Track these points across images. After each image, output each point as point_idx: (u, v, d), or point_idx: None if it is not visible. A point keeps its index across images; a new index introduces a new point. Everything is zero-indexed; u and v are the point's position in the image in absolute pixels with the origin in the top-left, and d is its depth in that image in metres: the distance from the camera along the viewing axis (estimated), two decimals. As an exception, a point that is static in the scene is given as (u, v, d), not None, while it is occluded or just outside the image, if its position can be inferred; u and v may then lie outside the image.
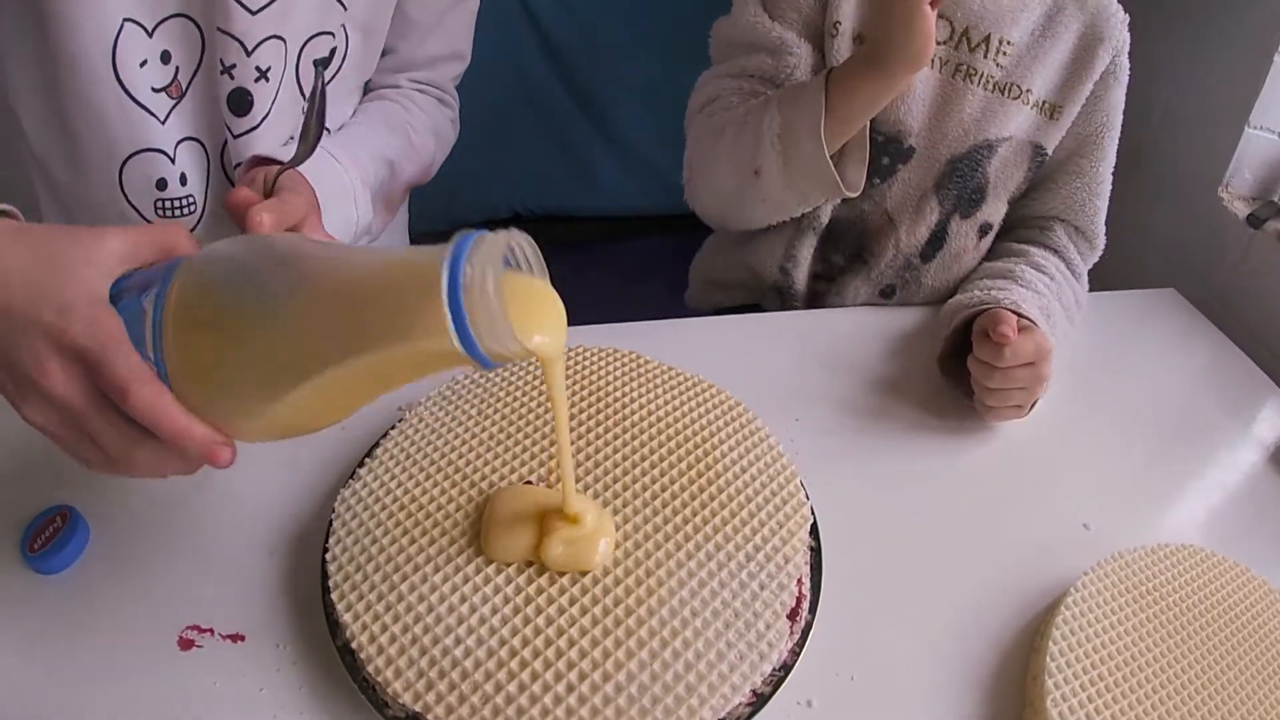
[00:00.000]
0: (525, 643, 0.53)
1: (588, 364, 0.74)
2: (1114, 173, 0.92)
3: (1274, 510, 0.74)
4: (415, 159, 0.91)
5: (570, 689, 0.50)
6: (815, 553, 0.62)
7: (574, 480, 0.60)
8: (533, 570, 0.57)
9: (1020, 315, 0.77)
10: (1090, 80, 0.87)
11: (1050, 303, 0.83)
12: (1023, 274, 0.85)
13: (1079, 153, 0.91)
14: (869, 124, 0.81)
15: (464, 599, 0.55)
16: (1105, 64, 0.87)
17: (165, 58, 0.74)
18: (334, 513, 0.61)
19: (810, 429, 0.77)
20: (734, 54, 0.89)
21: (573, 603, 0.55)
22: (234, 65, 0.74)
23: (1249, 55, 1.05)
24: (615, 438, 0.67)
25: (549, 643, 0.53)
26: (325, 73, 0.66)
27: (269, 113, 0.78)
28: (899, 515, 0.70)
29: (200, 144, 0.79)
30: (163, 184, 0.78)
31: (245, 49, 0.74)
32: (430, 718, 0.50)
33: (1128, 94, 0.89)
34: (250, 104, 0.76)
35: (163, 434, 0.45)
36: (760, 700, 0.53)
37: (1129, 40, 0.87)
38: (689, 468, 0.64)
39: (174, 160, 0.78)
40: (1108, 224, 0.93)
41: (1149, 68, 1.16)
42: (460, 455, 0.65)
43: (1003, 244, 0.94)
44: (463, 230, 0.41)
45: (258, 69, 0.75)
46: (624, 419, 0.68)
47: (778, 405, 0.77)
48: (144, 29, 0.71)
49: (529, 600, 0.55)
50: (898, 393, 0.82)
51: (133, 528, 0.64)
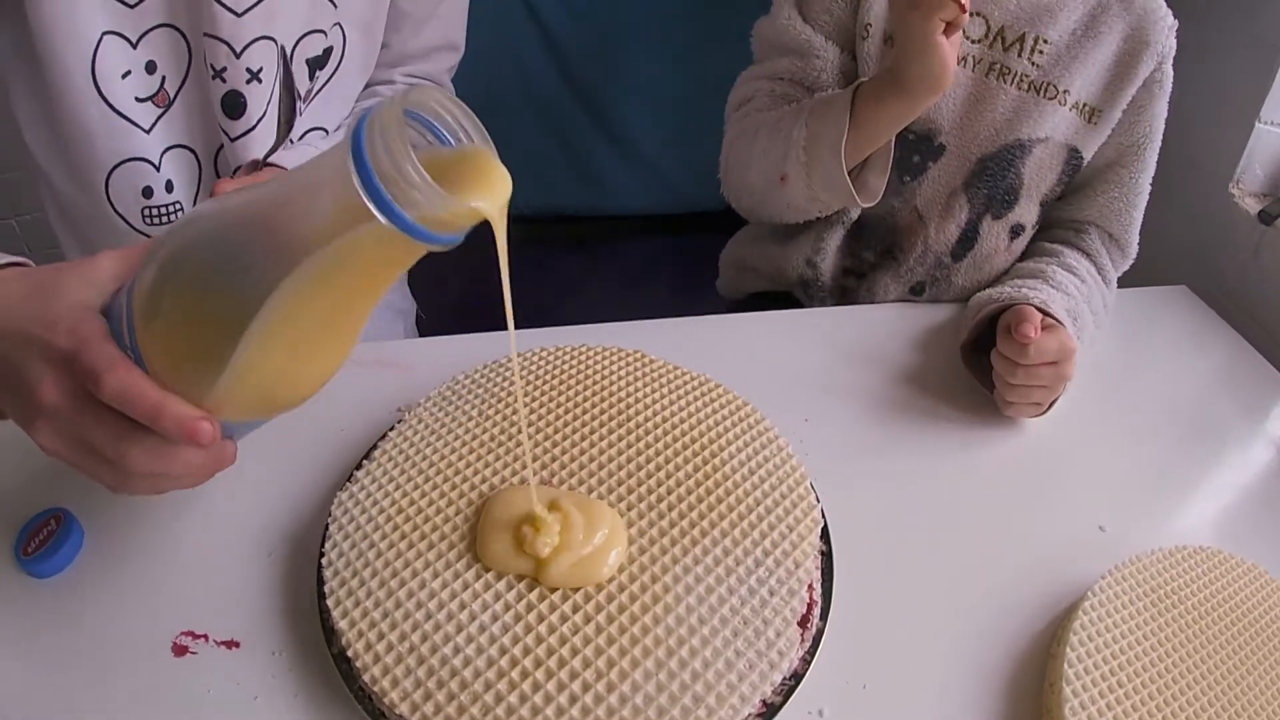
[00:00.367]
0: (526, 652, 0.51)
1: (591, 363, 0.72)
2: None
3: (1289, 510, 0.73)
4: None
5: (573, 700, 0.49)
6: (826, 557, 0.61)
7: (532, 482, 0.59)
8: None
9: (1047, 314, 0.76)
10: (1132, 85, 0.85)
11: (1078, 305, 0.82)
12: (1053, 274, 0.85)
13: (1120, 162, 0.89)
14: None
15: (463, 606, 0.53)
16: (1149, 70, 0.85)
17: (150, 68, 0.74)
18: (330, 516, 0.60)
19: (820, 429, 0.75)
20: (770, 54, 0.91)
21: (576, 610, 0.53)
22: (224, 69, 0.74)
23: (1259, 51, 1.04)
24: (620, 439, 0.65)
25: (551, 652, 0.51)
26: (290, 61, 0.65)
27: (264, 114, 0.77)
28: (910, 518, 0.68)
29: (190, 151, 0.79)
30: (148, 192, 0.78)
31: (234, 51, 0.73)
32: (428, 729, 0.48)
33: None
34: (244, 106, 0.76)
35: (139, 412, 0.44)
36: (770, 710, 0.51)
37: (1175, 47, 0.85)
38: (695, 470, 0.63)
39: (159, 168, 0.78)
40: None
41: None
42: (460, 457, 0.63)
43: (1036, 243, 0.94)
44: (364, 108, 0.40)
45: (249, 70, 0.74)
46: (629, 419, 0.67)
47: (786, 405, 0.75)
48: (127, 41, 0.72)
49: (530, 607, 0.53)
50: (908, 392, 0.81)
51: (127, 531, 0.63)
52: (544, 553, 0.54)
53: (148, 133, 0.76)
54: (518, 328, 0.50)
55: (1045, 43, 0.84)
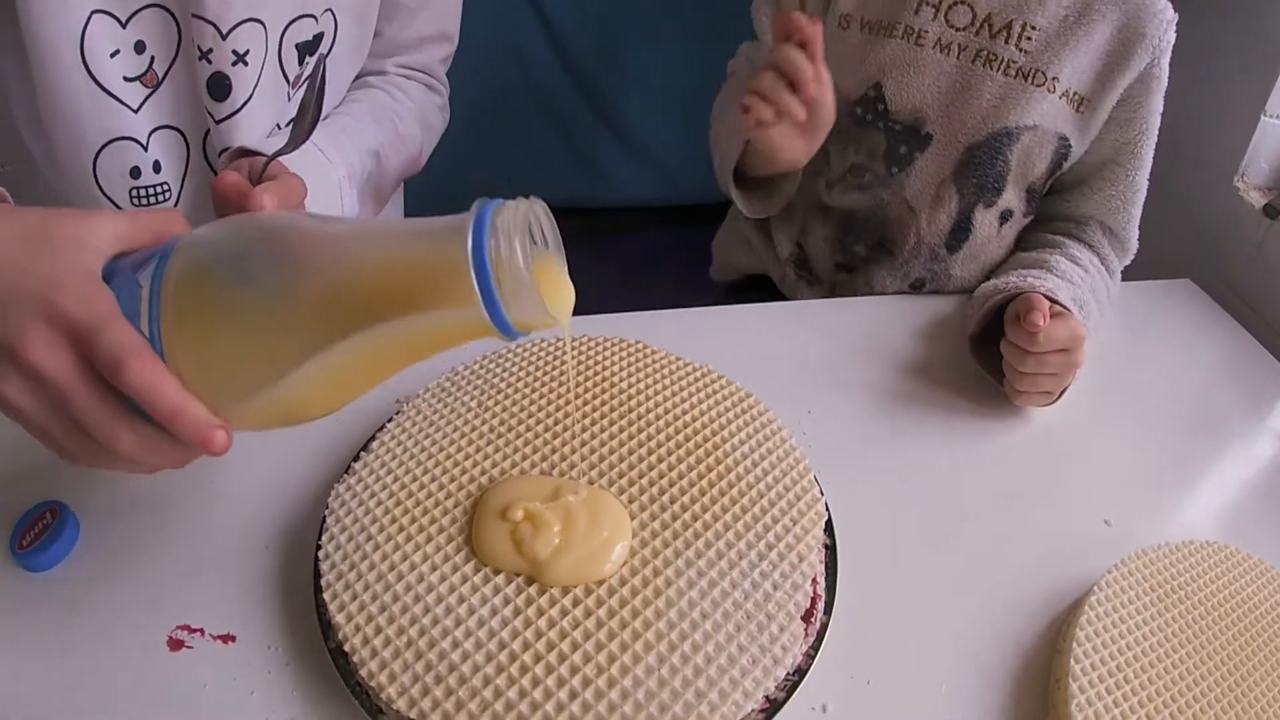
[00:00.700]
0: (526, 646, 0.50)
1: (592, 354, 0.72)
2: None
3: (1292, 503, 0.72)
4: (402, 150, 0.90)
5: (573, 695, 0.48)
6: (829, 551, 0.60)
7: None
8: (534, 569, 0.54)
9: (1054, 302, 0.75)
10: (1124, 77, 0.83)
11: (1083, 293, 0.82)
12: (1057, 264, 0.84)
13: (1116, 160, 0.88)
14: (884, 113, 0.86)
15: (461, 600, 0.52)
16: (1143, 64, 0.83)
17: (139, 47, 0.73)
18: (327, 509, 0.59)
19: (823, 421, 0.74)
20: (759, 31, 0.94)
21: (576, 604, 0.52)
22: (210, 50, 0.73)
23: (1264, 44, 1.03)
24: (621, 430, 0.64)
25: (551, 646, 0.50)
26: (325, 58, 0.65)
27: (250, 97, 0.77)
28: (914, 511, 0.68)
29: (179, 132, 0.79)
30: (136, 172, 0.78)
31: (220, 32, 0.73)
32: (426, 725, 0.47)
33: None
34: (229, 88, 0.75)
35: (159, 410, 0.42)
36: (773, 706, 0.51)
37: (1173, 40, 0.84)
38: (698, 462, 0.62)
39: (146, 148, 0.77)
40: None
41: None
42: (459, 449, 0.62)
43: (1037, 235, 0.93)
44: (482, 198, 0.41)
45: (234, 53, 0.74)
46: (630, 410, 0.66)
47: (789, 396, 0.74)
48: (116, 19, 0.71)
49: (530, 601, 0.52)
50: (911, 384, 0.80)
51: (123, 523, 0.63)
52: (544, 555, 0.53)
53: (135, 112, 0.75)
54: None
55: (1033, 29, 0.82)
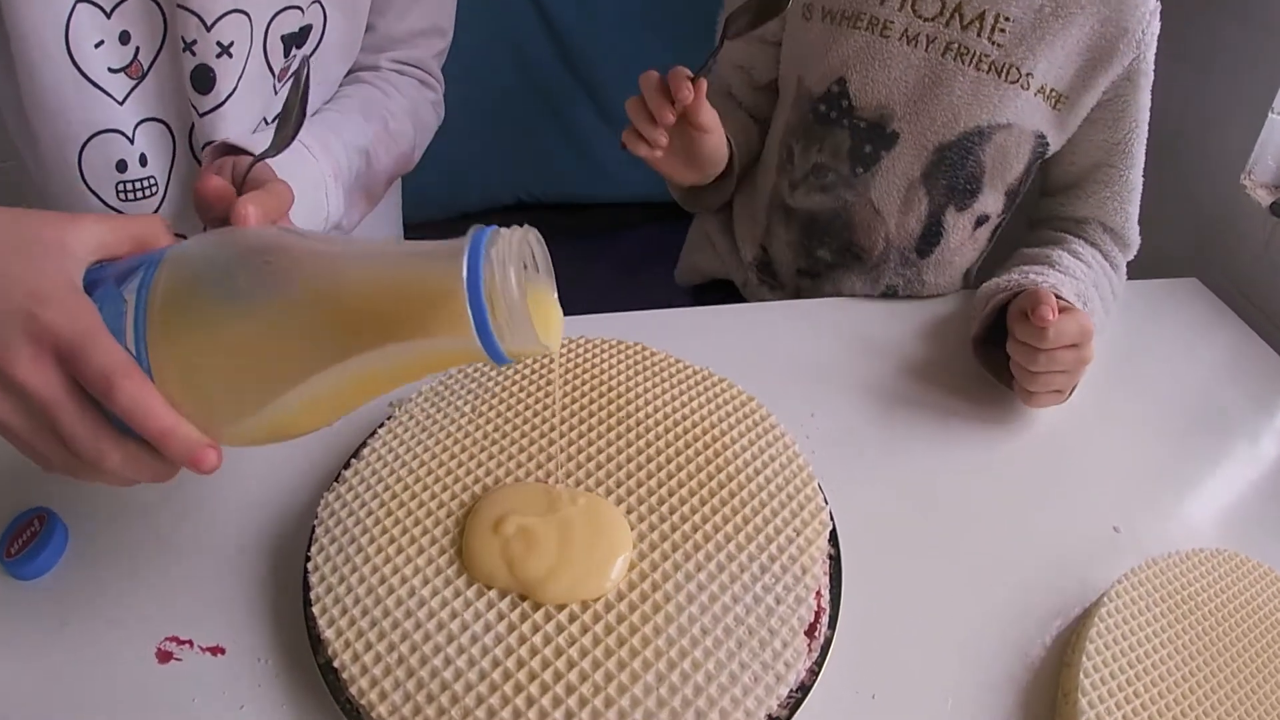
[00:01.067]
0: (520, 664, 0.49)
1: (590, 356, 0.70)
2: None
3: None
4: (393, 147, 0.88)
5: (570, 716, 0.47)
6: (834, 561, 0.59)
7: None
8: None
9: (1059, 298, 0.73)
10: (1106, 75, 0.80)
11: (1088, 289, 0.80)
12: (1060, 259, 0.82)
13: (1109, 162, 0.86)
14: (848, 110, 0.83)
15: (454, 615, 0.51)
16: (1127, 61, 0.80)
17: (124, 38, 0.72)
18: (317, 519, 0.57)
19: (826, 424, 0.73)
20: None
21: (572, 620, 0.51)
22: (194, 41, 0.72)
23: (1272, 41, 1.02)
24: (619, 436, 0.63)
25: (546, 664, 0.49)
26: (309, 57, 0.63)
27: (235, 90, 0.76)
28: (919, 519, 0.66)
29: (165, 125, 0.77)
30: (122, 165, 0.76)
31: (204, 24, 0.71)
32: (417, 745, 0.46)
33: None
34: (213, 81, 0.74)
35: (149, 431, 0.41)
36: (775, 725, 0.49)
37: (1158, 30, 0.80)
38: (699, 469, 0.60)
39: (133, 141, 0.76)
40: None
41: (1170, 52, 1.12)
42: (452, 456, 0.61)
43: (1038, 234, 0.91)
44: (476, 225, 0.41)
45: (219, 44, 0.73)
46: (629, 415, 0.64)
47: (793, 399, 0.73)
48: (101, 9, 0.70)
49: (525, 617, 0.51)
50: (915, 386, 0.78)
51: (112, 531, 0.62)
52: (537, 576, 0.52)
53: (121, 104, 0.74)
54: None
55: (1007, 20, 0.78)
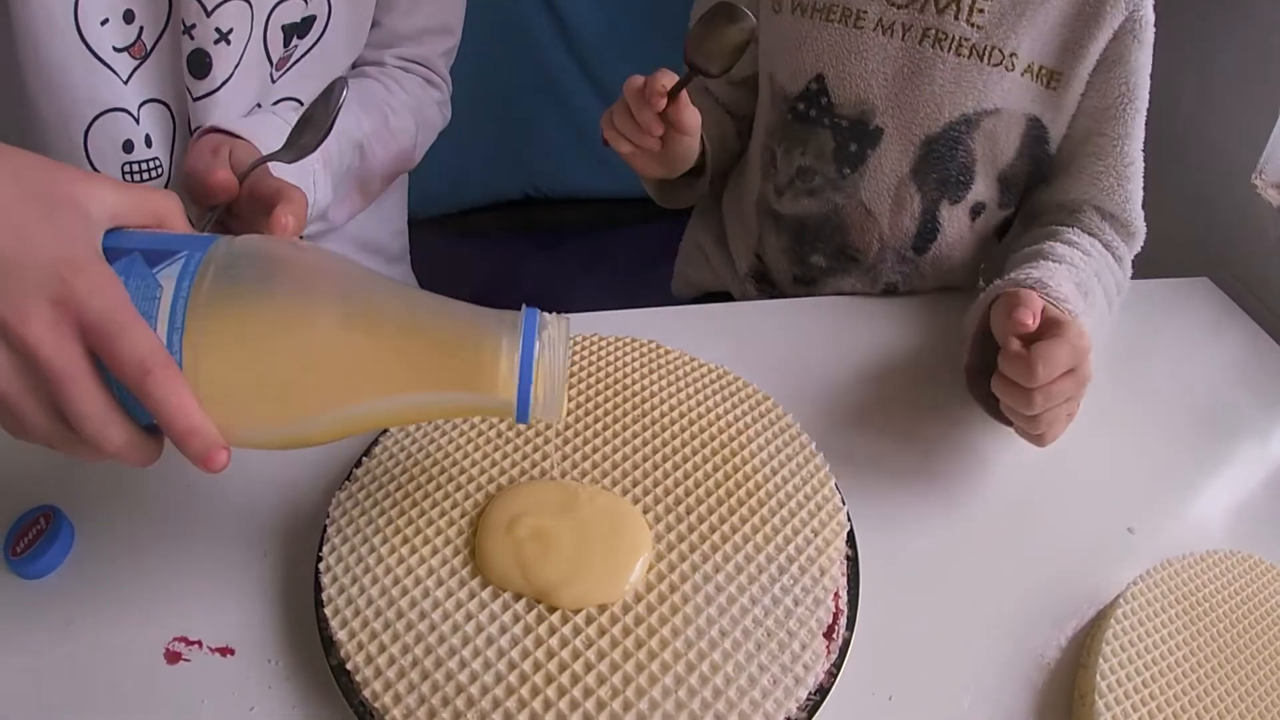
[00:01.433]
0: (537, 667, 0.48)
1: (604, 354, 0.69)
2: (1145, 158, 0.82)
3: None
4: (391, 143, 0.88)
5: (587, 719, 0.46)
6: (851, 563, 0.58)
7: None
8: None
9: (1046, 295, 0.65)
10: (1097, 41, 0.75)
11: (1087, 278, 0.73)
12: (1053, 250, 0.75)
13: (1098, 130, 0.79)
14: (828, 108, 0.80)
15: (469, 616, 0.50)
16: (1118, 20, 0.74)
17: (128, 17, 0.71)
18: (328, 517, 0.57)
19: (843, 425, 0.72)
20: None
21: (589, 621, 0.50)
22: (194, 25, 0.72)
23: (1282, 39, 1.00)
24: (635, 435, 0.62)
25: (563, 667, 0.48)
26: (346, 85, 0.63)
27: (230, 77, 0.75)
28: (935, 522, 0.65)
29: (166, 106, 0.77)
30: (129, 146, 0.76)
31: (205, 9, 0.71)
32: (432, 749, 0.45)
33: (1157, 76, 0.79)
34: (209, 66, 0.74)
35: (175, 425, 0.40)
36: (794, 728, 0.49)
37: None
38: (715, 469, 0.59)
39: (138, 121, 0.75)
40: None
41: (1180, 50, 1.11)
42: (466, 455, 0.60)
43: (1030, 233, 0.85)
44: (528, 307, 0.47)
45: (217, 30, 0.72)
46: (644, 414, 0.63)
47: (807, 398, 0.72)
48: None
49: (541, 619, 0.50)
50: (932, 385, 0.77)
51: (119, 529, 0.61)
52: (551, 581, 0.51)
53: (125, 83, 0.73)
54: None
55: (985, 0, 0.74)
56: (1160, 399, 0.80)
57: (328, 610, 0.51)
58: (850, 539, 0.59)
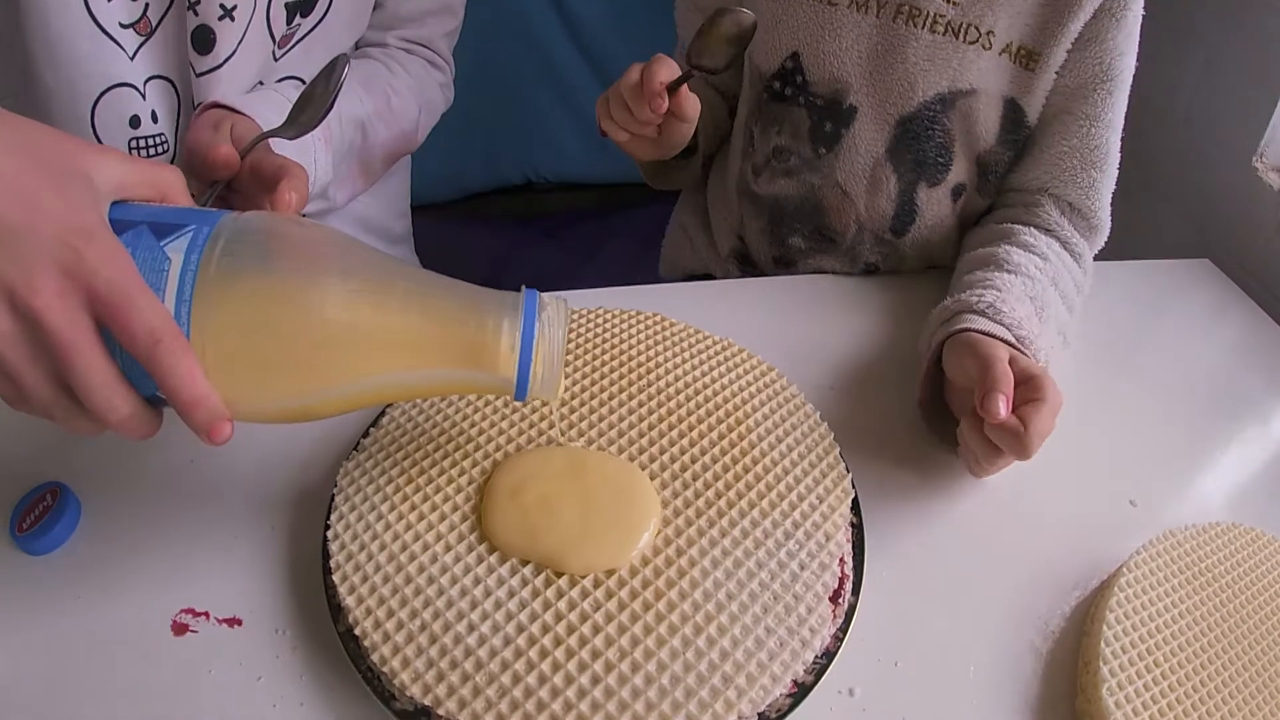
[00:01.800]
0: (545, 629, 0.48)
1: (610, 326, 0.69)
2: (1144, 140, 0.81)
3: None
4: (393, 124, 0.87)
5: (595, 681, 0.46)
6: (856, 530, 0.58)
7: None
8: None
9: (1000, 320, 0.65)
10: (1075, 19, 0.72)
11: (1043, 289, 0.71)
12: (1008, 257, 0.72)
13: (1066, 109, 0.76)
14: (803, 86, 0.78)
15: (477, 581, 0.50)
16: (1099, 0, 0.72)
17: None
18: (336, 487, 0.57)
19: (845, 396, 0.72)
20: None
21: (597, 585, 0.50)
22: (198, 1, 0.72)
23: (1282, 22, 1.00)
24: (641, 404, 0.62)
25: (571, 629, 0.48)
26: (348, 63, 0.63)
27: (233, 54, 0.75)
28: (939, 490, 0.65)
29: (170, 83, 0.77)
30: (136, 121, 0.75)
31: None
32: (441, 712, 0.45)
33: (1159, 59, 0.78)
34: (213, 42, 0.73)
35: (181, 396, 0.41)
36: (801, 690, 0.48)
37: None
38: (720, 437, 0.60)
39: (145, 96, 0.75)
40: (1140, 191, 0.83)
41: (1182, 33, 1.10)
42: (472, 424, 0.60)
43: (985, 227, 0.82)
44: (526, 288, 0.48)
45: (222, 6, 0.72)
46: (650, 384, 0.64)
47: (811, 370, 0.72)
48: None
49: (549, 582, 0.50)
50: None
51: (126, 504, 0.61)
52: (557, 548, 0.51)
53: (132, 59, 0.73)
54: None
55: None
56: (1161, 377, 0.80)
57: (336, 577, 0.51)
58: (855, 507, 0.59)
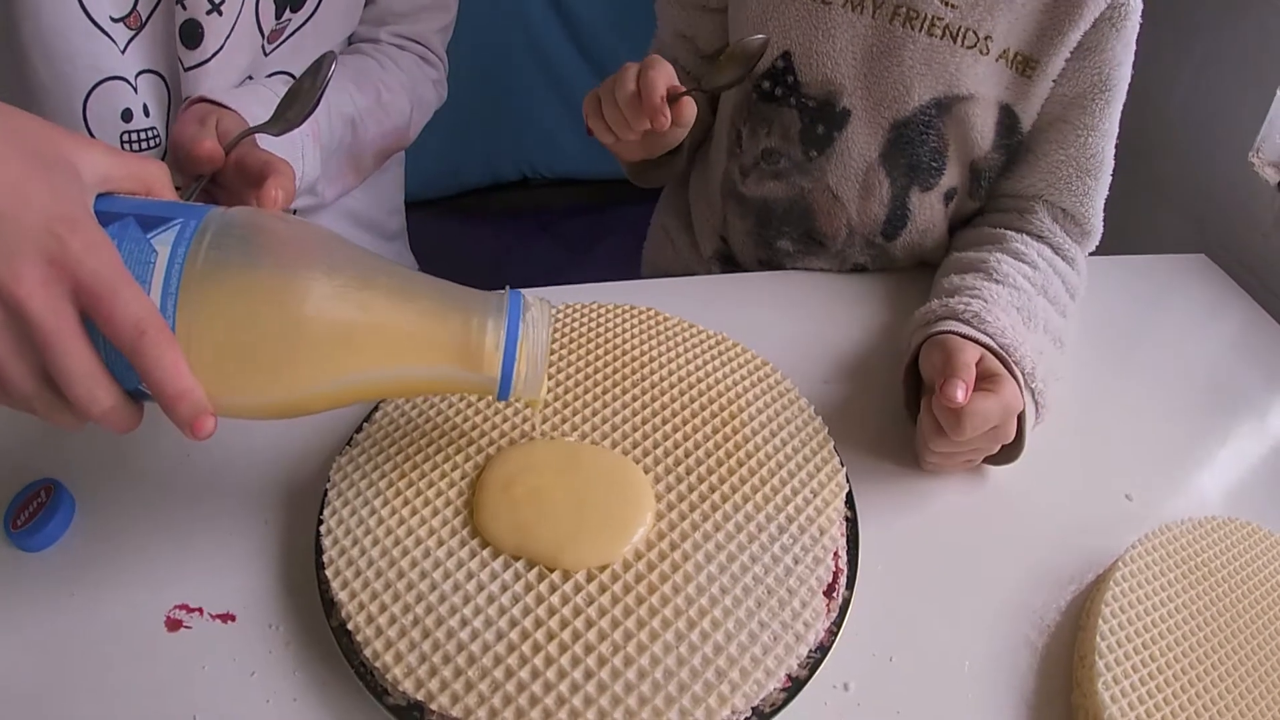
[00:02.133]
0: (538, 624, 0.48)
1: (603, 321, 0.69)
2: (1141, 136, 0.81)
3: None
4: (384, 120, 0.87)
5: (589, 675, 0.46)
6: (851, 524, 0.58)
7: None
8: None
9: (984, 330, 0.65)
10: (1075, 29, 0.71)
11: (1031, 298, 0.70)
12: (997, 266, 0.72)
13: (1063, 118, 0.75)
14: (795, 87, 0.77)
15: (470, 575, 0.50)
16: (1100, 8, 0.71)
17: None
18: (329, 481, 0.57)
19: (840, 391, 0.72)
20: None
21: (590, 579, 0.50)
22: None
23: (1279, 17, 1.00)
24: (635, 398, 0.62)
25: (564, 624, 0.48)
26: (334, 62, 0.63)
27: (221, 48, 0.75)
28: (935, 485, 0.65)
29: (160, 77, 0.77)
30: (128, 115, 0.75)
31: None
32: (434, 707, 0.45)
33: (1156, 54, 0.77)
34: (200, 36, 0.73)
35: (166, 389, 0.40)
36: (795, 685, 0.48)
37: None
38: (715, 431, 0.59)
39: (136, 90, 0.75)
40: (1137, 187, 0.84)
41: (1179, 27, 1.10)
42: (467, 420, 0.60)
43: (976, 229, 0.82)
44: (511, 288, 0.49)
45: (209, 1, 0.72)
46: (644, 379, 0.64)
47: (806, 366, 0.72)
48: None
49: (542, 576, 0.50)
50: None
51: (120, 501, 0.61)
52: (548, 545, 0.51)
53: (123, 53, 0.73)
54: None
55: None
56: (1156, 371, 0.80)
57: (328, 571, 0.51)
58: (850, 501, 0.59)
